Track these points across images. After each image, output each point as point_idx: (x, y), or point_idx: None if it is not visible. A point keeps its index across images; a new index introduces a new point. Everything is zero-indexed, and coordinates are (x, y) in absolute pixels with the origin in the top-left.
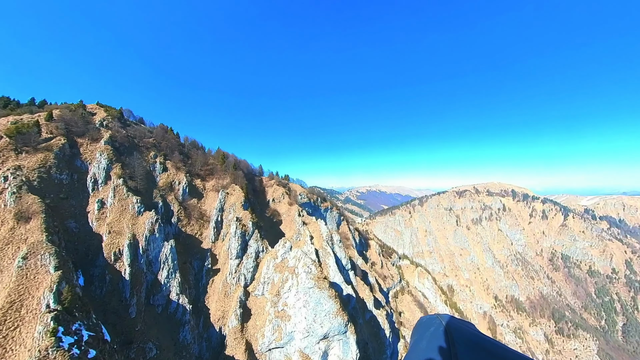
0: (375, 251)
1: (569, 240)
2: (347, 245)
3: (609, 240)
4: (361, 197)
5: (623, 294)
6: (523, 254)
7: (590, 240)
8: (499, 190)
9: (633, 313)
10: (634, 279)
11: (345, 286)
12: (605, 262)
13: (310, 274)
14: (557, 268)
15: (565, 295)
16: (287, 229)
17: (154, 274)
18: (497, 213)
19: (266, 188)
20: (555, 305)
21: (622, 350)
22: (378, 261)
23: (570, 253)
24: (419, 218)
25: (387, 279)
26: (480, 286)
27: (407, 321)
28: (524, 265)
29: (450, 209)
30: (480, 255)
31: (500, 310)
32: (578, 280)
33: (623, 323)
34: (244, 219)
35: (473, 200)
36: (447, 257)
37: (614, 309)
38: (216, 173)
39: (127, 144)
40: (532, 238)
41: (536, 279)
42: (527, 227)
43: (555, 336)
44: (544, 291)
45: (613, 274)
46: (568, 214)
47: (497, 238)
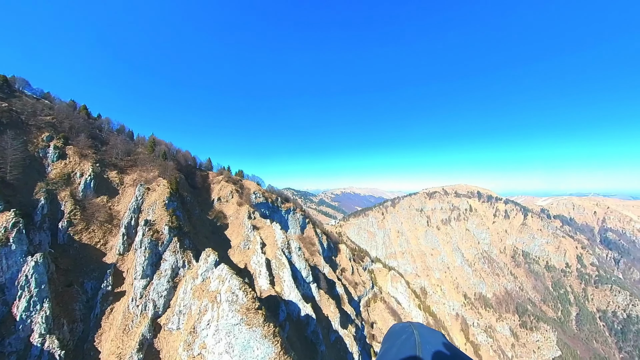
0: (346, 256)
1: (528, 238)
2: (313, 252)
3: (563, 237)
4: (336, 199)
5: (575, 286)
6: (489, 252)
7: (547, 237)
8: (466, 192)
9: (584, 303)
10: (584, 272)
11: (304, 305)
12: (560, 258)
13: (235, 304)
14: (519, 264)
15: (526, 289)
16: (234, 234)
17: (8, 305)
18: (465, 213)
19: (212, 185)
20: (518, 300)
21: (576, 339)
22: (348, 267)
23: (529, 250)
24: (391, 219)
25: (359, 285)
26: (450, 285)
27: (379, 333)
28: (489, 263)
29: (421, 210)
30: (450, 255)
31: (470, 307)
32: (537, 275)
33: (576, 313)
34: (158, 222)
35: (442, 202)
36: (419, 258)
37: (568, 300)
38: (142, 164)
39: (4, 120)
40: (496, 237)
41: (501, 275)
42: (492, 227)
43: (520, 330)
44: (508, 287)
45: (567, 268)
46: (527, 213)
47: (465, 237)
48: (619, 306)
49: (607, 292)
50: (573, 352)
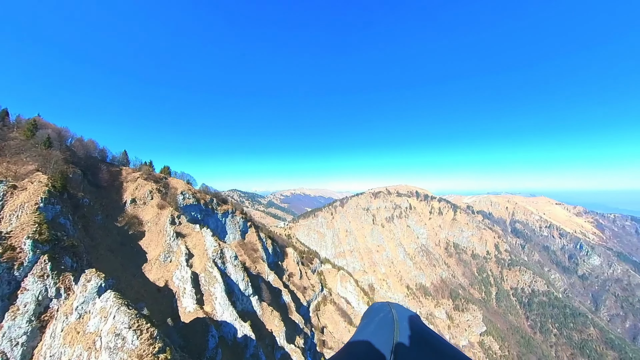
0: (294, 260)
1: (458, 231)
2: (255, 259)
3: (484, 229)
4: (285, 200)
5: (494, 269)
6: (426, 246)
7: (472, 230)
8: (406, 192)
9: (501, 284)
10: (500, 257)
11: (241, 324)
12: (482, 247)
13: (121, 351)
14: (451, 255)
15: (457, 276)
16: (151, 245)
17: None
18: (406, 211)
19: (125, 184)
20: (451, 286)
21: (497, 314)
22: (296, 271)
23: (459, 241)
24: (340, 219)
25: (308, 290)
26: (394, 278)
27: (330, 338)
28: (427, 255)
29: (368, 209)
30: (394, 250)
31: (412, 297)
32: (465, 263)
33: (496, 292)
34: (17, 234)
35: (386, 201)
36: (366, 255)
37: (489, 282)
38: (14, 154)
39: None
40: (432, 231)
41: (437, 266)
42: (428, 223)
43: (454, 312)
44: (443, 275)
45: (487, 255)
46: (456, 210)
47: (406, 233)
48: (525, 283)
49: (517, 272)
50: (495, 326)
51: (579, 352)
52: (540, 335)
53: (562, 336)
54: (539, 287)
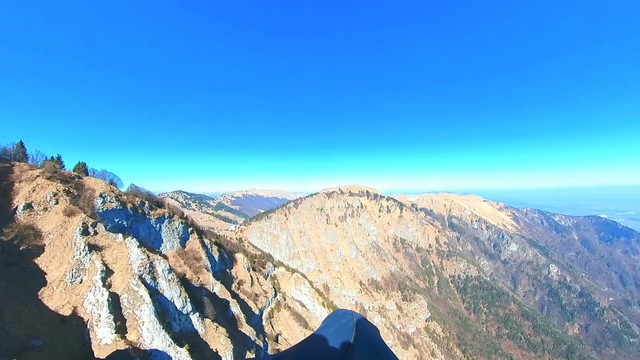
0: (244, 266)
1: (404, 228)
2: (198, 269)
3: (426, 225)
4: (237, 202)
5: (435, 260)
6: (377, 242)
7: (416, 226)
8: (358, 191)
9: (441, 273)
10: (440, 249)
11: (176, 350)
12: (425, 240)
13: None
14: (398, 249)
15: (405, 269)
16: (54, 262)
17: None
18: (357, 210)
19: (17, 184)
20: (400, 279)
21: (439, 300)
22: (247, 278)
23: (405, 237)
24: (294, 220)
25: (260, 297)
26: (348, 276)
27: (286, 344)
28: (377, 251)
29: (321, 209)
30: (347, 248)
31: (365, 293)
32: (411, 256)
33: (437, 281)
34: None
35: (339, 200)
36: (320, 254)
37: (432, 272)
38: None
39: None
40: (381, 228)
41: (387, 261)
42: (378, 220)
43: (402, 303)
44: (392, 269)
45: (429, 248)
46: (403, 208)
47: (358, 231)
48: (461, 271)
49: (454, 262)
50: (438, 311)
51: (504, 325)
52: (474, 315)
53: (490, 313)
54: (472, 273)
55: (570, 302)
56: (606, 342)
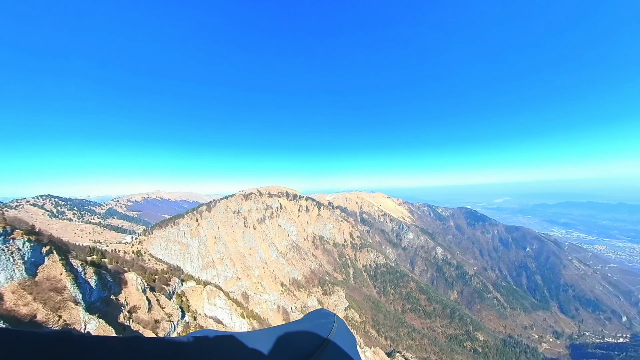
0: (138, 287)
1: (322, 225)
2: (59, 304)
3: (341, 221)
4: (135, 207)
5: (350, 254)
6: (296, 242)
7: (333, 223)
8: (277, 192)
9: (356, 264)
10: (354, 242)
11: None
12: (341, 236)
13: None
14: (317, 247)
15: (324, 265)
16: None
17: None
18: (277, 211)
19: None
20: (320, 275)
21: (355, 289)
22: (143, 302)
23: (323, 234)
24: (207, 225)
25: (161, 322)
26: (269, 279)
27: None
28: (298, 251)
29: (238, 211)
30: (266, 251)
31: (287, 293)
32: (329, 252)
33: (352, 272)
34: None
35: (257, 202)
36: (238, 260)
37: (347, 264)
38: None
39: None
40: (300, 228)
41: (306, 259)
42: (297, 220)
43: (323, 297)
44: (312, 267)
45: (345, 242)
46: (320, 207)
47: (278, 232)
48: (371, 260)
49: (365, 253)
50: (354, 299)
51: (406, 301)
52: (383, 297)
53: (396, 293)
54: (380, 261)
55: (450, 274)
56: (474, 300)
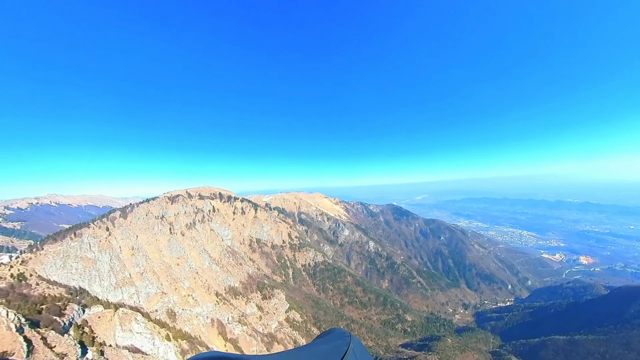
0: (9, 326)
1: (259, 227)
2: None
3: (280, 222)
4: (18, 216)
5: (289, 254)
6: (232, 247)
7: (271, 224)
8: (209, 194)
9: (295, 264)
10: (292, 243)
11: None
12: (279, 237)
13: None
14: (255, 250)
15: (262, 268)
16: None
17: None
18: (209, 215)
19: None
20: (258, 279)
21: (295, 290)
22: (17, 345)
23: (261, 236)
24: (122, 234)
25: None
26: (201, 290)
27: None
28: (233, 256)
29: (163, 216)
30: (198, 259)
31: (223, 303)
32: (267, 254)
33: (292, 272)
34: None
35: (186, 205)
36: (164, 272)
37: (287, 265)
38: None
39: None
40: (236, 231)
41: (243, 264)
42: (232, 223)
43: (263, 302)
44: (250, 271)
45: (283, 243)
46: (257, 208)
47: (211, 238)
48: (310, 259)
49: (304, 252)
50: (295, 300)
51: (344, 295)
52: (323, 294)
53: (335, 289)
54: (319, 259)
55: (382, 265)
56: (402, 286)
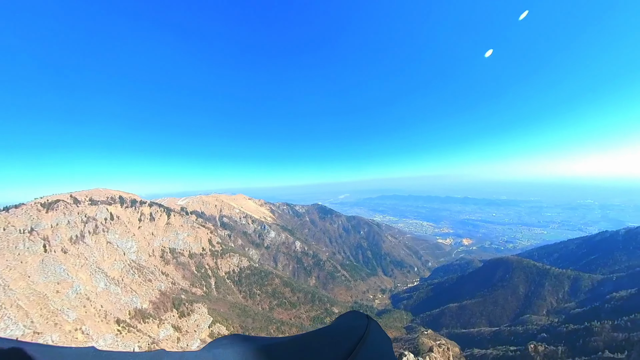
0: None
1: (173, 235)
2: None
3: (198, 228)
4: None
5: (210, 262)
6: (137, 260)
7: (187, 231)
8: (105, 198)
9: (218, 272)
10: (214, 250)
11: None
12: (198, 245)
13: None
14: (168, 262)
15: (178, 282)
16: None
17: None
18: (105, 224)
19: None
20: (173, 295)
21: (219, 301)
22: None
23: (175, 245)
24: None
25: None
26: (95, 319)
27: None
28: (140, 271)
29: (32, 230)
30: (88, 281)
31: (127, 331)
32: (184, 265)
33: (215, 282)
34: None
35: (71, 213)
36: (35, 305)
37: (208, 275)
38: None
39: None
40: (143, 242)
41: (153, 279)
42: (138, 232)
43: (180, 321)
44: (162, 287)
45: (203, 251)
46: (170, 213)
47: (108, 252)
48: (235, 265)
49: (228, 258)
50: (219, 312)
51: (273, 298)
52: (250, 300)
53: (262, 293)
54: (244, 264)
55: (308, 263)
56: (328, 281)
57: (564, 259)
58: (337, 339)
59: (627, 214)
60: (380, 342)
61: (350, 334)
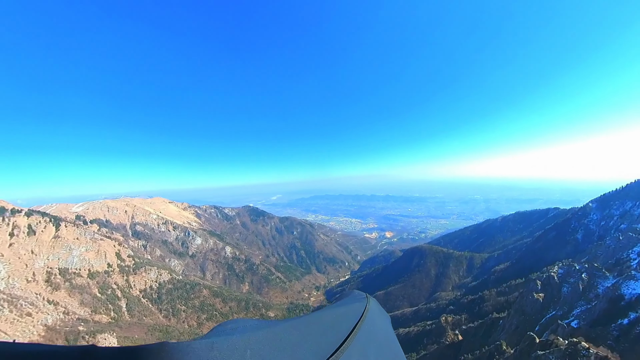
0: None
1: (65, 251)
2: None
3: (101, 240)
4: None
5: (120, 281)
6: (9, 289)
7: (85, 244)
8: None
9: (130, 292)
10: (124, 265)
11: None
12: (101, 261)
13: None
14: (58, 286)
15: (73, 310)
16: None
17: None
18: None
19: None
20: (66, 329)
21: (132, 325)
22: None
23: (68, 264)
24: None
25: None
26: None
27: None
28: (12, 304)
29: None
30: None
31: None
32: (82, 288)
33: (126, 303)
34: None
35: None
36: None
37: (117, 296)
38: None
39: None
40: (18, 264)
41: (34, 312)
42: (9, 252)
43: None
44: (49, 321)
45: (109, 268)
46: (60, 223)
47: None
48: (152, 280)
49: (143, 273)
50: (132, 339)
51: (201, 312)
52: (174, 319)
53: (189, 308)
54: (164, 278)
55: (241, 269)
56: (262, 285)
57: (462, 244)
58: (339, 318)
59: (501, 205)
60: (379, 319)
61: (351, 313)
